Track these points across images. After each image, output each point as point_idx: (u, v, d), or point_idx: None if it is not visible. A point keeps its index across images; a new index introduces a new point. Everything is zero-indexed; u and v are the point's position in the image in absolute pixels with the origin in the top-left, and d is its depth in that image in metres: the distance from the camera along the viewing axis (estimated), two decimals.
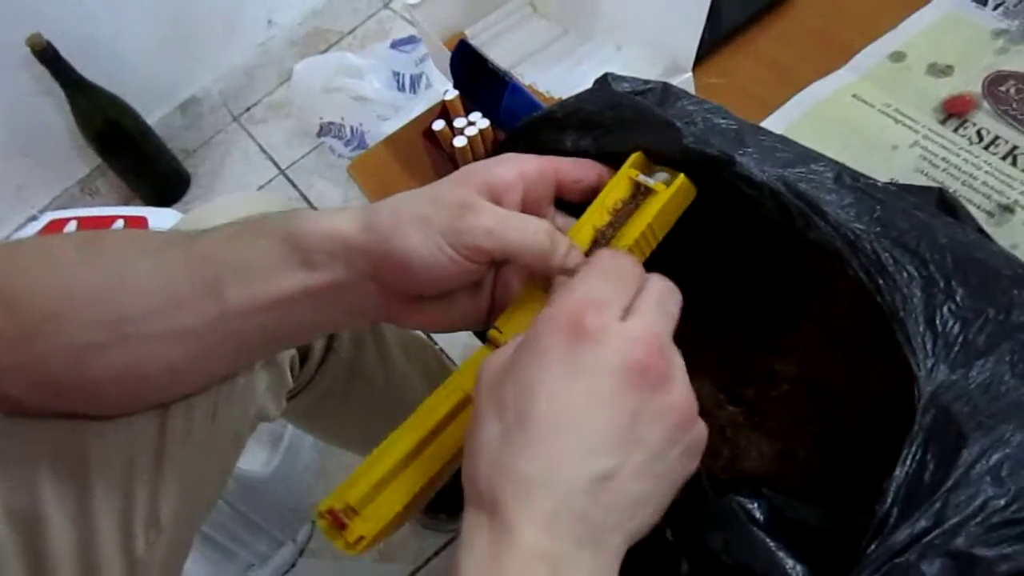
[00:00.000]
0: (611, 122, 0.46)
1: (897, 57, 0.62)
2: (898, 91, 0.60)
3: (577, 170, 0.45)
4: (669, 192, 0.42)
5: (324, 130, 1.62)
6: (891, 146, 0.57)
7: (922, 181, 0.55)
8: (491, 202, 0.41)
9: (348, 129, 1.58)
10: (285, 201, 0.64)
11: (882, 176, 0.44)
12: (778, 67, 0.66)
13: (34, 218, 1.27)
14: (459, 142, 0.58)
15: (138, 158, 1.65)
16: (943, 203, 0.49)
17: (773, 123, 0.54)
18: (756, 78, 0.66)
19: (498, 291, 0.46)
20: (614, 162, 0.45)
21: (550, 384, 0.33)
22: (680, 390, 0.34)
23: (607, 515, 0.32)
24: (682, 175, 0.43)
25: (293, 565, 1.13)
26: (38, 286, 0.44)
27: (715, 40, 0.68)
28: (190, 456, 0.52)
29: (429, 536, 1.08)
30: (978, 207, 0.53)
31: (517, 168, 0.43)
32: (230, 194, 0.62)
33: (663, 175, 0.43)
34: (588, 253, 0.42)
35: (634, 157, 0.44)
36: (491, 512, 0.31)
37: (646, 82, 0.47)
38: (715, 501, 0.41)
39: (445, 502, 1.04)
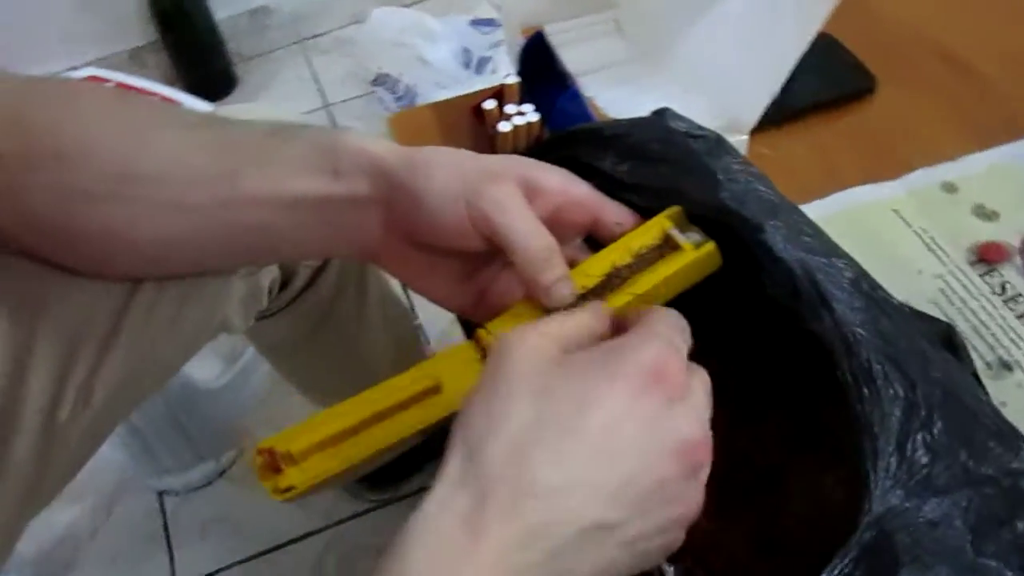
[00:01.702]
0: (655, 156, 0.45)
1: (949, 188, 0.62)
2: (939, 220, 0.60)
3: (620, 215, 0.43)
4: (695, 255, 0.41)
5: (379, 80, 1.62)
6: (916, 270, 0.57)
7: (935, 312, 0.54)
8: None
9: (402, 86, 1.58)
10: None
11: (898, 295, 0.43)
12: (830, 160, 0.66)
13: (75, 68, 1.26)
14: (503, 127, 0.57)
15: (195, 47, 1.65)
16: (949, 340, 0.49)
17: (808, 211, 0.53)
18: (806, 163, 0.66)
19: (496, 292, 0.45)
20: (642, 196, 0.44)
21: (611, 408, 0.30)
22: (700, 488, 0.33)
23: (576, 567, 0.30)
24: (713, 243, 0.42)
25: (208, 484, 1.12)
26: (56, 122, 0.44)
27: (779, 114, 0.67)
28: (143, 341, 0.51)
29: (344, 501, 1.07)
30: (980, 355, 0.52)
31: (563, 183, 0.42)
32: (271, 105, 0.61)
33: (695, 236, 0.42)
34: (599, 287, 0.41)
35: (672, 210, 0.43)
36: (474, 502, 0.29)
37: (701, 128, 0.46)
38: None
39: (373, 475, 1.03)
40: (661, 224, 0.42)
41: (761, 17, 0.56)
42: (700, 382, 0.34)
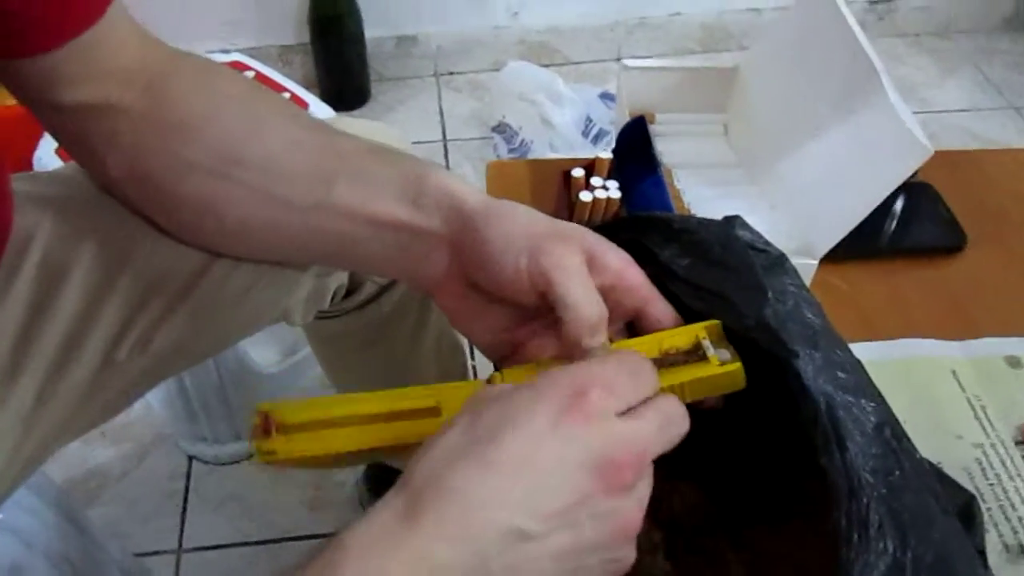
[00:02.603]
0: (714, 259, 0.47)
1: (1013, 362, 0.61)
2: (995, 392, 0.59)
3: (664, 313, 0.44)
4: (720, 370, 0.42)
5: (500, 128, 1.68)
6: (957, 434, 0.56)
7: (965, 480, 0.53)
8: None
9: (519, 139, 1.63)
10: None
11: (931, 455, 0.43)
12: (901, 306, 0.65)
13: (225, 52, 1.36)
14: (585, 196, 0.60)
15: (340, 58, 1.74)
16: (967, 510, 0.48)
17: (863, 349, 0.54)
18: (876, 303, 0.66)
19: (532, 347, 0.46)
20: (691, 293, 0.45)
21: (528, 428, 0.33)
22: (633, 506, 0.34)
23: (502, 574, 0.32)
24: (739, 365, 0.42)
25: (236, 462, 1.16)
26: (186, 95, 0.48)
27: (863, 251, 0.68)
28: (208, 308, 0.55)
29: (360, 512, 1.09)
30: (1001, 536, 0.51)
31: (622, 266, 0.44)
32: (385, 127, 0.65)
33: (725, 354, 0.43)
34: None
35: (711, 323, 0.44)
36: (407, 502, 0.32)
37: (767, 244, 0.48)
38: None
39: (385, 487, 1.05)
40: (696, 332, 0.43)
41: (856, 156, 0.57)
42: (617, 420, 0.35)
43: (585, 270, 0.42)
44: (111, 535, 0.80)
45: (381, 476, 1.06)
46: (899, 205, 0.71)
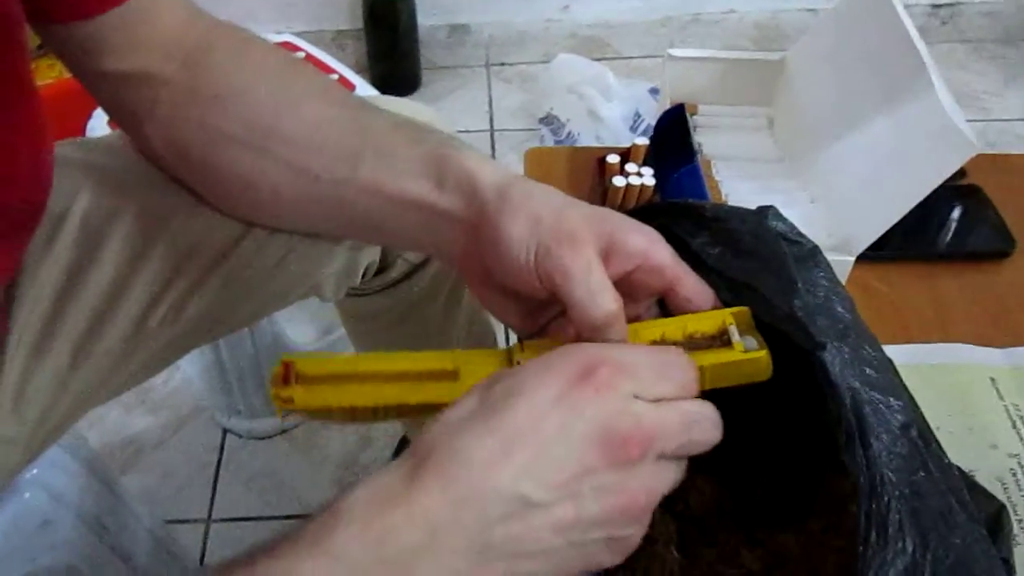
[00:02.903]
0: (745, 248, 0.46)
1: None
2: None
3: (694, 291, 0.43)
4: (743, 357, 0.41)
5: (547, 119, 1.67)
6: (992, 444, 0.54)
7: (997, 490, 0.52)
8: (602, 255, 0.41)
9: (566, 131, 1.63)
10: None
11: (964, 463, 0.42)
12: (942, 309, 0.64)
13: (279, 33, 1.37)
14: (618, 181, 0.59)
15: (392, 44, 1.76)
16: (997, 519, 0.46)
17: (899, 351, 0.52)
18: (915, 306, 0.64)
19: (556, 328, 0.46)
20: (720, 282, 0.44)
21: (536, 399, 0.33)
22: (637, 486, 0.34)
23: (504, 542, 0.32)
24: (765, 353, 0.41)
25: (269, 437, 1.18)
26: (223, 67, 0.49)
27: (905, 253, 0.66)
28: (241, 277, 0.56)
29: None
30: None
31: (646, 246, 0.42)
32: (427, 108, 0.65)
33: (752, 341, 0.42)
34: None
35: (740, 310, 0.43)
36: (414, 465, 0.32)
37: (800, 235, 0.47)
38: None
39: None
40: (724, 317, 0.42)
41: (900, 152, 0.56)
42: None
43: (591, 268, 0.40)
44: (143, 501, 0.82)
45: None
46: (953, 210, 0.69)
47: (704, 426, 0.36)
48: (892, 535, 0.36)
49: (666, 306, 0.45)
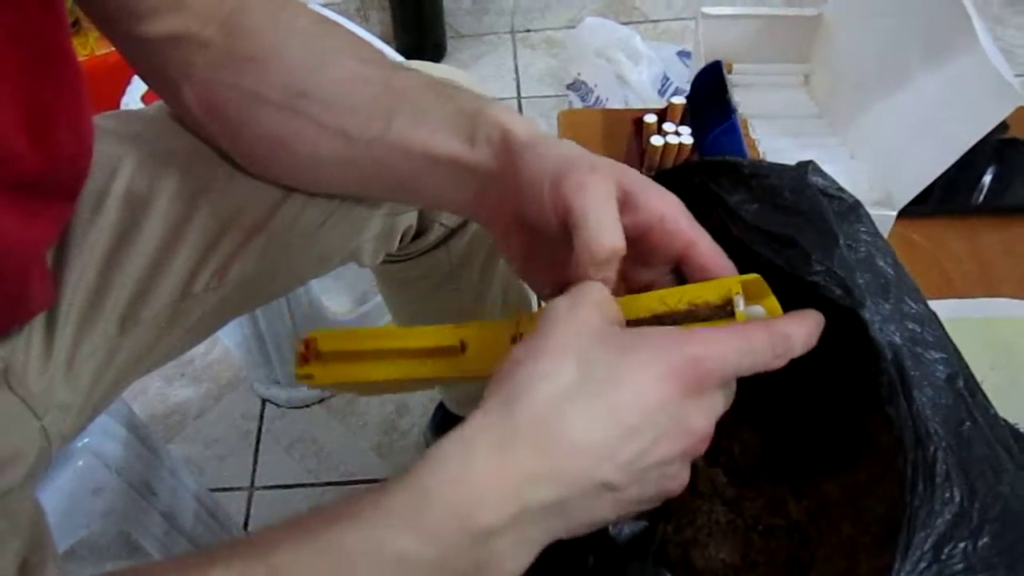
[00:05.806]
0: (785, 204, 0.45)
1: None
2: None
3: (710, 259, 0.41)
4: None
5: (575, 85, 1.66)
6: None
7: None
8: (618, 203, 0.40)
9: (594, 96, 1.61)
10: None
11: (1010, 416, 0.42)
12: (986, 265, 0.63)
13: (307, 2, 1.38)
14: (656, 140, 0.59)
15: (417, 14, 1.75)
16: None
17: (943, 306, 0.52)
18: (958, 262, 0.63)
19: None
20: (759, 239, 0.43)
21: (642, 389, 0.33)
22: (689, 469, 0.36)
23: (580, 514, 0.33)
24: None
25: (308, 406, 1.20)
26: (258, 28, 0.49)
27: (947, 207, 0.65)
28: (281, 242, 0.56)
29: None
30: None
31: (662, 209, 0.41)
32: (455, 70, 0.65)
33: (760, 310, 0.40)
34: (639, 321, 0.39)
35: (750, 277, 0.40)
36: (508, 434, 0.32)
37: (841, 189, 0.46)
38: (649, 566, 0.41)
39: None
40: (731, 287, 0.39)
41: (943, 103, 0.55)
42: (725, 391, 0.36)
43: (612, 201, 0.39)
44: (188, 470, 0.84)
45: (448, 424, 1.08)
46: (994, 164, 0.67)
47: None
48: (939, 484, 0.36)
49: (682, 276, 0.43)
